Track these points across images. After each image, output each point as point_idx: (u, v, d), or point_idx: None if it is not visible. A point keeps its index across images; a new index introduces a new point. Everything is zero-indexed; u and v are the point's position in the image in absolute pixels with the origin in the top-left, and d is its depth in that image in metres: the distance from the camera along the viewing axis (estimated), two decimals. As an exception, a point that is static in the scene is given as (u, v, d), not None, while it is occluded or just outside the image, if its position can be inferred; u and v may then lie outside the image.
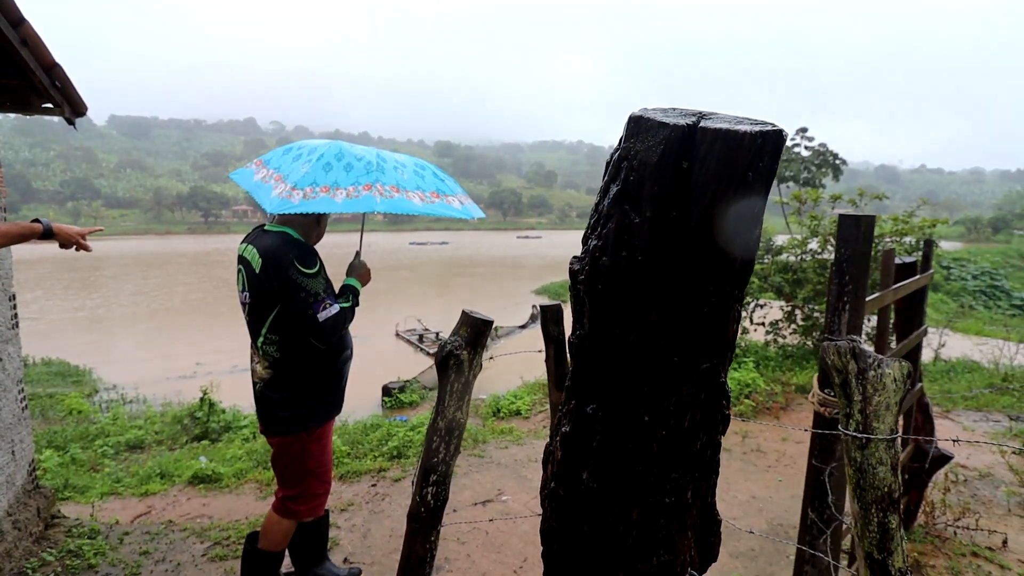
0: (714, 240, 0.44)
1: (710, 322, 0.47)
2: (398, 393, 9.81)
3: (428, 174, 2.31)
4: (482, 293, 25.93)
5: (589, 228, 0.51)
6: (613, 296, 0.47)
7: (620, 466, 0.49)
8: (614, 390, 0.49)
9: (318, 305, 2.01)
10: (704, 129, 0.42)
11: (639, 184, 0.44)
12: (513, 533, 3.33)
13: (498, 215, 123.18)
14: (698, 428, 0.49)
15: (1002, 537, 3.29)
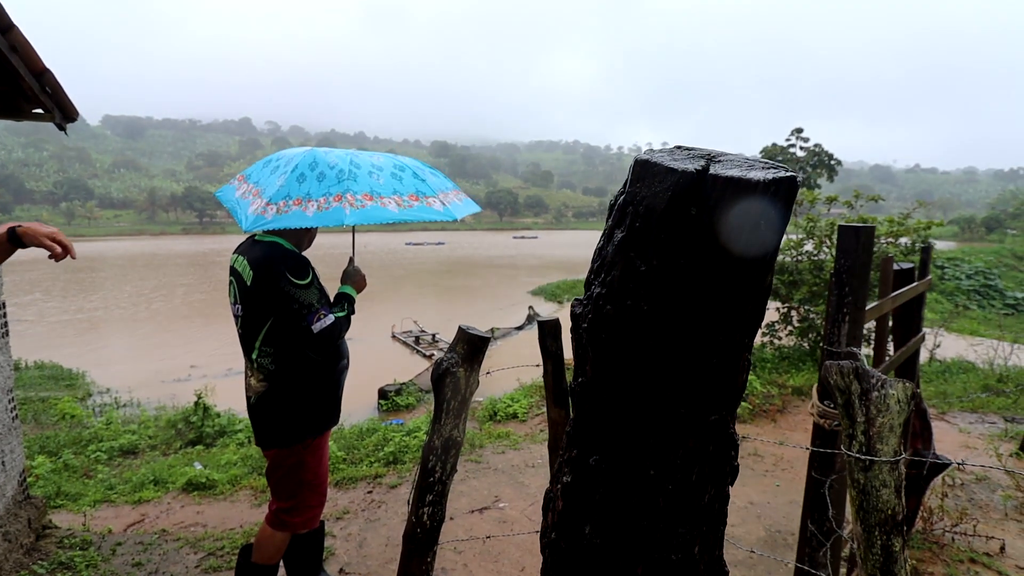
0: (724, 288, 0.42)
1: (719, 372, 0.45)
2: (394, 396, 9.78)
3: (407, 175, 2.22)
4: (478, 294, 25.89)
5: (592, 273, 0.48)
6: (617, 345, 0.45)
7: (624, 521, 0.47)
8: (618, 441, 0.47)
9: (312, 316, 1.98)
10: (715, 177, 0.40)
11: (645, 231, 0.42)
12: (511, 542, 3.30)
13: (494, 215, 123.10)
14: (706, 481, 0.47)
15: (1000, 543, 3.28)
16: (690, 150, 0.46)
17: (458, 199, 2.42)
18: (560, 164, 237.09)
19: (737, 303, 0.43)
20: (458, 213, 2.33)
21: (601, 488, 0.48)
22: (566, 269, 34.46)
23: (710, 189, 0.40)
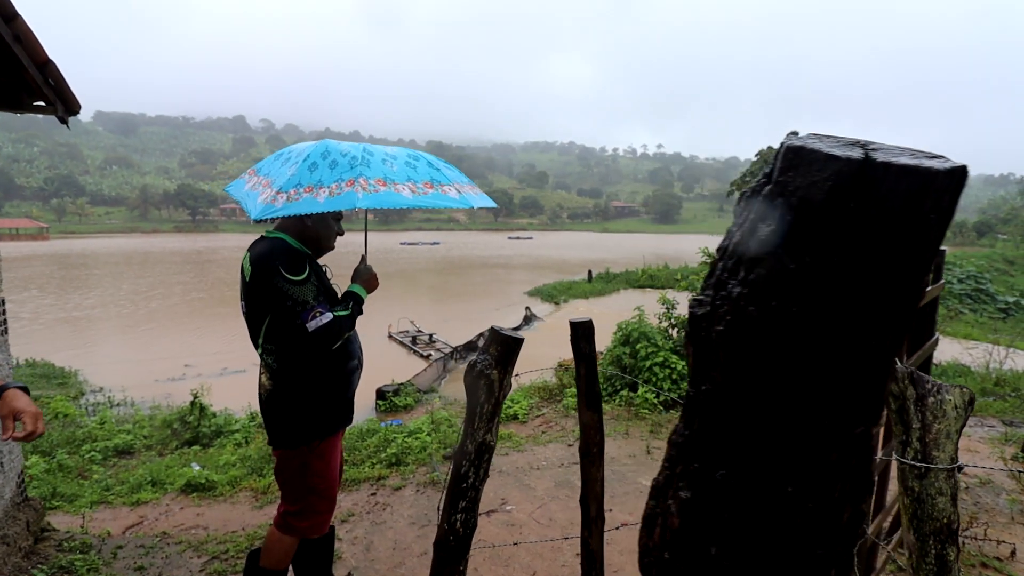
0: (881, 288, 0.39)
1: (869, 381, 0.41)
2: (392, 396, 9.71)
3: (422, 164, 2.20)
4: (474, 294, 25.81)
5: (725, 271, 0.45)
6: (759, 350, 0.41)
7: (757, 541, 0.43)
8: (752, 455, 0.43)
9: (307, 314, 1.92)
10: (887, 165, 0.36)
11: (799, 225, 0.39)
12: (520, 545, 3.26)
13: (489, 216, 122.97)
14: (846, 498, 0.44)
15: (1010, 547, 3.27)
16: (838, 138, 0.42)
17: (473, 192, 2.38)
18: (555, 165, 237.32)
19: (893, 303, 0.40)
20: (475, 203, 2.31)
21: (730, 506, 0.44)
22: (562, 270, 34.46)
23: (879, 178, 0.37)
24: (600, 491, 1.58)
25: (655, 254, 42.06)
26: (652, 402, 6.54)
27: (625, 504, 3.89)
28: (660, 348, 7.44)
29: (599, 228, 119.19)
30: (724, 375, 0.44)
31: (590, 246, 64.50)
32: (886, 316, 0.40)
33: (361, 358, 2.28)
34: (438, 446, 5.28)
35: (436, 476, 4.39)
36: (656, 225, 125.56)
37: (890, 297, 0.39)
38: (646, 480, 4.36)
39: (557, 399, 7.60)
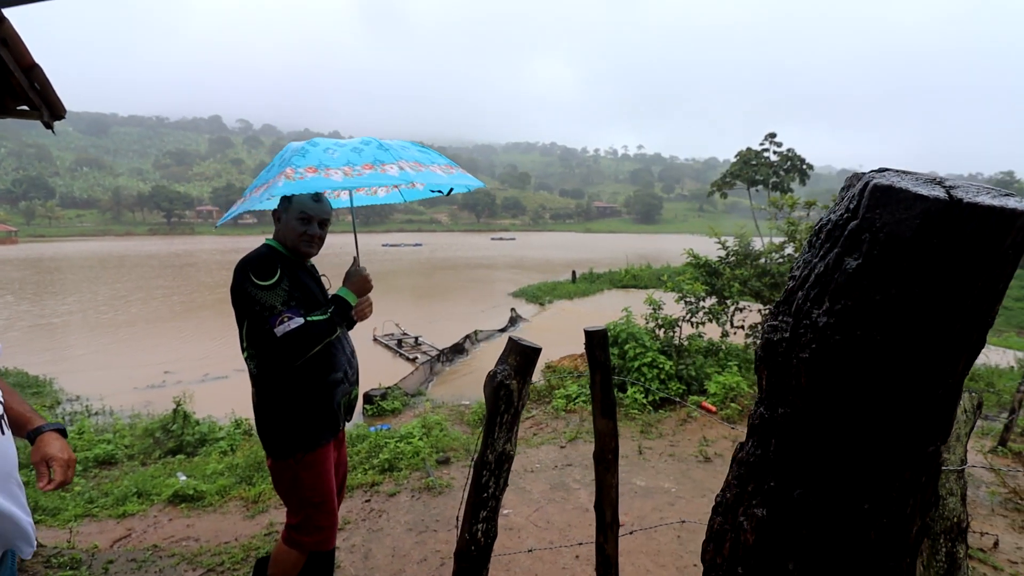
0: (958, 318, 0.41)
1: (942, 402, 0.44)
2: (380, 400, 9.64)
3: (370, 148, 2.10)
4: (458, 296, 25.75)
5: (808, 301, 0.47)
6: (841, 376, 0.44)
7: (834, 556, 0.45)
8: (830, 475, 0.45)
9: (275, 319, 1.88)
10: (973, 206, 0.39)
11: (885, 260, 0.41)
12: (519, 549, 3.27)
13: (471, 216, 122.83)
14: (916, 513, 0.46)
15: (993, 539, 3.39)
16: (911, 174, 0.44)
17: (444, 171, 2.30)
18: (537, 166, 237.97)
19: (969, 331, 0.42)
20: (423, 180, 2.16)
21: (808, 523, 0.46)
22: (545, 270, 34.56)
23: (965, 218, 0.39)
24: (615, 497, 1.60)
25: (637, 254, 42.40)
26: (641, 402, 6.61)
27: (620, 505, 3.92)
28: (648, 348, 7.52)
29: (581, 228, 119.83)
30: (805, 400, 0.46)
31: (573, 246, 64.77)
32: (961, 343, 0.42)
33: (350, 370, 2.19)
34: (431, 451, 5.26)
35: (431, 481, 4.38)
36: (638, 225, 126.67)
37: (966, 325, 0.42)
38: (641, 481, 4.41)
39: (547, 401, 7.63)
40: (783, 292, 0.49)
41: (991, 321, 0.43)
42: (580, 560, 3.13)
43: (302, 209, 2.06)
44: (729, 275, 8.88)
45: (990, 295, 0.41)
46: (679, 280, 8.67)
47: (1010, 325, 18.92)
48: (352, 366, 2.21)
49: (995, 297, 0.42)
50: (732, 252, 9.41)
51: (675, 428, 5.95)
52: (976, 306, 0.41)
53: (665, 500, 4.07)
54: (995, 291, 0.41)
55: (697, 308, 8.43)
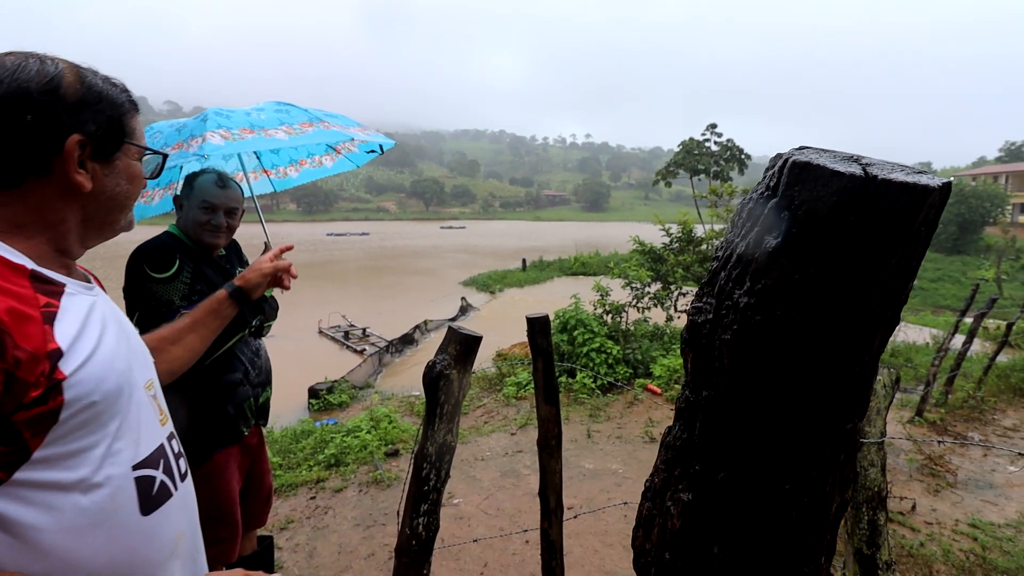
0: (873, 295, 0.41)
1: (860, 379, 0.44)
2: (326, 394, 9.37)
3: (296, 109, 2.05)
4: (407, 285, 25.38)
5: (730, 281, 0.46)
6: (763, 357, 0.43)
7: (757, 538, 0.45)
8: (753, 457, 0.45)
9: (172, 316, 1.69)
10: (887, 183, 0.39)
11: (803, 238, 0.40)
12: (469, 537, 3.27)
13: (420, 205, 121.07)
14: (835, 490, 0.47)
15: (911, 503, 3.66)
16: (830, 152, 0.44)
17: (364, 133, 2.26)
18: (486, 154, 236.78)
19: (885, 308, 0.42)
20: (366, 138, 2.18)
21: (732, 505, 0.46)
22: (496, 259, 34.54)
23: (880, 195, 0.39)
24: (559, 483, 1.61)
25: (586, 242, 43.05)
26: (590, 387, 6.73)
27: (568, 488, 3.98)
28: (596, 334, 7.66)
29: (531, 217, 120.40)
30: (728, 382, 0.45)
31: (523, 235, 65.05)
32: (877, 320, 0.43)
33: (252, 371, 1.98)
34: (379, 443, 5.17)
35: (379, 475, 4.31)
36: (586, 213, 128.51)
37: (882, 303, 0.42)
38: (589, 464, 4.49)
39: (497, 388, 7.65)
40: (708, 273, 0.48)
41: (905, 298, 0.44)
42: (530, 545, 3.16)
43: (204, 197, 1.83)
44: (673, 261, 9.14)
45: (904, 272, 0.42)
46: (625, 267, 8.86)
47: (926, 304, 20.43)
48: (256, 366, 2.00)
49: (908, 274, 0.42)
50: (676, 239, 9.68)
51: (622, 411, 6.09)
52: (890, 283, 0.41)
53: (612, 481, 4.16)
54: (909, 268, 0.42)
55: (643, 294, 8.65)
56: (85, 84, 0.79)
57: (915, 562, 2.98)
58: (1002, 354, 6.52)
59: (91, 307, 0.79)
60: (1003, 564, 2.97)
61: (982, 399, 5.90)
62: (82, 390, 0.71)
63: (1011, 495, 3.92)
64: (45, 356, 0.67)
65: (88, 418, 0.72)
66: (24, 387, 0.64)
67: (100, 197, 0.81)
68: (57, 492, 0.70)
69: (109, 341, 0.79)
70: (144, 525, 0.79)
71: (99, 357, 0.75)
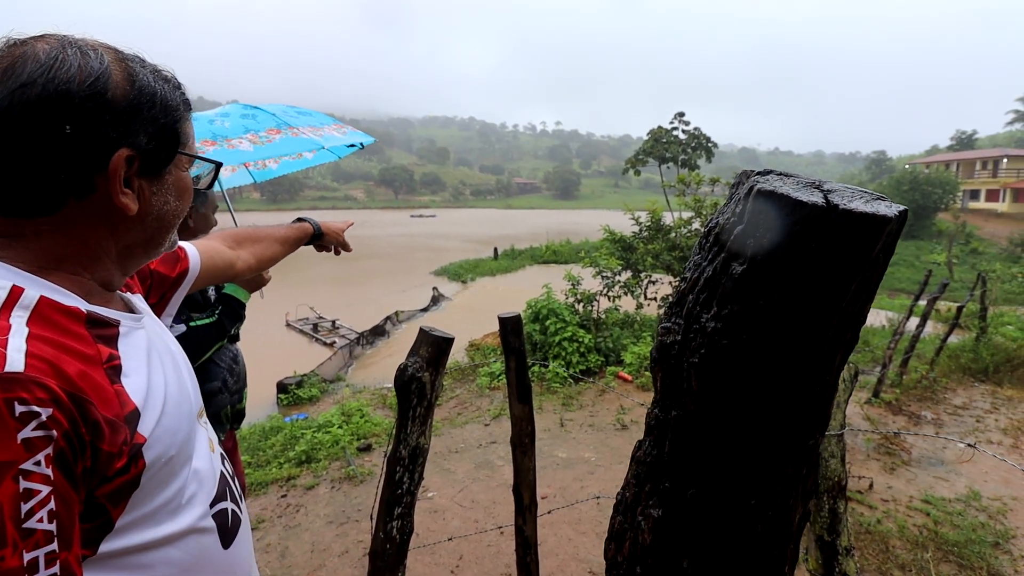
0: (837, 319, 0.42)
1: (821, 397, 0.45)
2: (295, 389, 9.23)
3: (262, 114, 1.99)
4: (378, 276, 25.07)
5: (698, 305, 0.46)
6: (730, 379, 0.44)
7: (724, 551, 0.47)
8: (720, 474, 0.46)
9: None
10: (847, 212, 0.39)
11: (767, 265, 0.41)
12: (444, 531, 3.28)
13: (389, 193, 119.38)
14: (798, 503, 0.48)
15: (868, 481, 3.83)
16: (793, 177, 0.45)
17: (339, 132, 2.23)
18: (456, 141, 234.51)
19: (845, 330, 0.44)
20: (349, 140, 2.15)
21: (700, 521, 0.47)
22: (467, 248, 34.39)
23: (840, 223, 0.40)
24: (533, 480, 1.62)
25: (557, 230, 43.20)
26: (563, 376, 6.80)
27: (543, 478, 4.03)
28: (568, 323, 7.72)
29: (502, 205, 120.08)
30: (697, 403, 0.46)
31: (494, 223, 64.87)
32: (837, 342, 0.44)
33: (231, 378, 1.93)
34: (351, 438, 5.12)
35: (352, 471, 4.27)
36: (557, 201, 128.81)
37: (843, 325, 0.43)
38: (562, 452, 4.55)
39: (470, 379, 7.66)
40: (675, 293, 0.49)
41: (863, 319, 0.45)
42: (505, 535, 3.19)
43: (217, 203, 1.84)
44: (643, 250, 9.25)
45: (863, 296, 0.43)
46: (596, 255, 8.94)
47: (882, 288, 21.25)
48: (234, 373, 1.98)
49: (868, 297, 0.44)
50: (645, 227, 9.80)
51: (594, 399, 6.18)
52: (850, 307, 0.43)
53: (585, 470, 4.23)
54: (868, 292, 0.43)
55: (613, 282, 8.75)
56: (136, 85, 0.64)
57: (872, 539, 3.13)
58: (953, 335, 6.84)
59: (148, 345, 0.70)
60: (953, 537, 3.14)
61: (935, 379, 6.19)
62: (161, 449, 0.64)
63: (961, 471, 4.13)
64: (124, 422, 0.59)
65: (166, 473, 0.66)
66: (109, 460, 0.56)
67: (147, 219, 0.68)
68: (145, 552, 0.65)
69: (172, 383, 0.71)
70: (228, 558, 0.76)
71: (170, 409, 0.67)
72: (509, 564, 2.95)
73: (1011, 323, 10.32)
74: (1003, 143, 68.91)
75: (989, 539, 3.15)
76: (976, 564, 2.92)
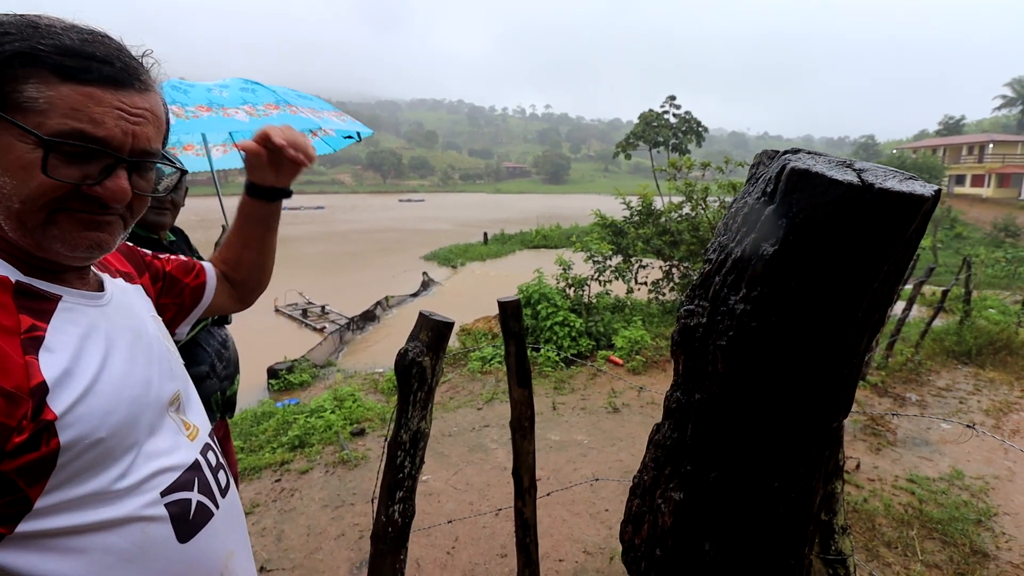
0: (867, 301, 0.42)
1: (847, 379, 0.45)
2: (286, 374, 9.20)
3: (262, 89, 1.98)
4: (367, 261, 24.91)
5: (725, 286, 0.46)
6: (759, 362, 0.43)
7: (747, 534, 0.47)
8: (743, 457, 0.46)
9: None
10: (884, 191, 0.39)
11: (801, 246, 0.40)
12: (439, 513, 3.30)
13: (377, 177, 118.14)
14: (819, 485, 0.48)
15: (855, 461, 3.90)
16: (824, 156, 0.44)
17: (339, 119, 2.20)
18: (444, 124, 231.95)
19: (871, 312, 0.43)
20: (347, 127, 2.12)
21: (723, 504, 0.47)
22: (457, 233, 34.22)
23: (877, 203, 0.39)
24: (532, 463, 1.63)
25: (547, 214, 43.09)
26: (554, 360, 6.82)
27: (536, 460, 4.06)
28: (559, 308, 7.74)
29: (492, 189, 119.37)
30: (722, 386, 0.46)
31: (484, 207, 64.55)
32: (867, 323, 0.44)
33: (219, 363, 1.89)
34: (344, 423, 5.12)
35: (346, 455, 4.28)
36: (547, 186, 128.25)
37: (872, 306, 0.43)
38: (555, 436, 4.58)
39: (462, 363, 7.67)
40: (699, 275, 0.48)
41: (893, 301, 0.45)
42: (499, 517, 3.22)
43: None
44: (633, 234, 9.27)
45: (894, 276, 0.43)
46: (587, 240, 8.94)
47: (868, 272, 21.52)
48: (223, 358, 1.92)
49: (898, 278, 0.43)
50: (636, 212, 9.80)
51: (586, 383, 6.22)
52: (881, 288, 0.42)
53: (578, 452, 4.26)
54: (899, 272, 0.43)
55: (604, 267, 8.77)
56: None
57: (859, 517, 3.20)
58: (937, 319, 6.95)
59: (92, 324, 0.67)
60: (937, 515, 3.22)
61: (919, 362, 6.30)
62: (83, 429, 0.61)
63: (944, 451, 4.23)
64: (28, 394, 0.56)
65: (97, 456, 0.63)
66: (5, 432, 0.54)
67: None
68: (78, 536, 0.62)
69: (116, 364, 0.67)
70: (185, 553, 0.72)
71: (102, 388, 0.64)
72: (504, 545, 2.98)
73: (994, 307, 10.51)
74: (990, 128, 69.54)
75: (972, 516, 3.24)
76: (959, 541, 3.00)
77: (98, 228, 0.66)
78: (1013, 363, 6.40)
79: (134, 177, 0.68)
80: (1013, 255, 20.40)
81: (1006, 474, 3.86)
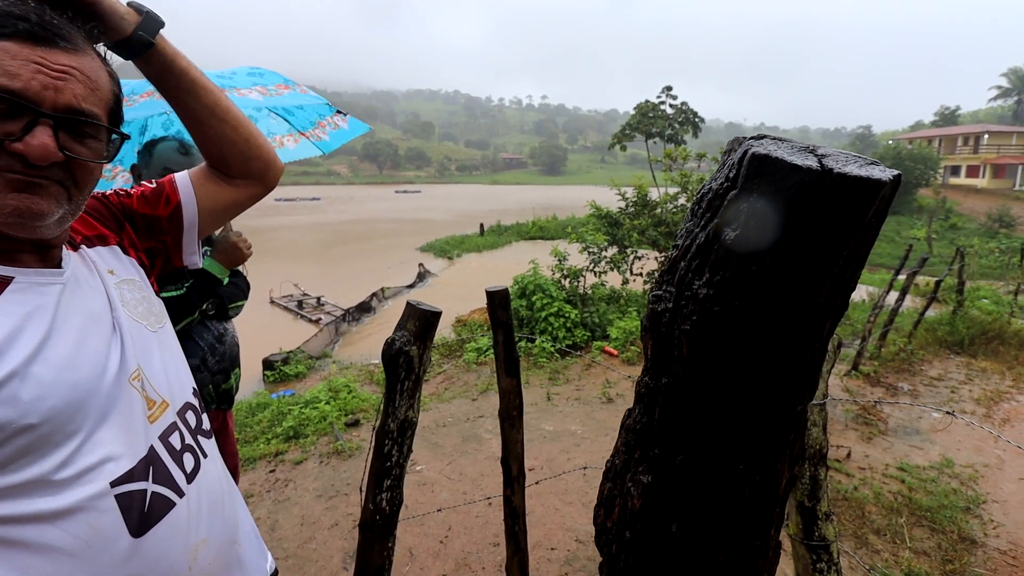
0: (826, 284, 0.42)
1: (810, 362, 0.46)
2: (281, 365, 9.20)
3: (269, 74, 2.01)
4: (362, 252, 24.85)
5: (690, 272, 0.46)
6: (721, 346, 0.44)
7: (712, 515, 0.47)
8: (709, 440, 0.46)
9: None
10: (843, 176, 0.39)
11: (761, 232, 0.41)
12: (433, 503, 3.32)
13: (374, 168, 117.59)
14: (785, 468, 0.49)
15: (847, 450, 3.94)
16: (787, 142, 0.44)
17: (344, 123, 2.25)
18: (440, 115, 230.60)
19: (833, 296, 0.44)
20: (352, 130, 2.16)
21: (689, 486, 0.47)
22: (453, 224, 34.14)
23: (834, 188, 0.39)
24: (520, 452, 1.64)
25: (544, 206, 43.00)
26: (549, 351, 6.85)
27: (530, 450, 4.08)
28: (555, 299, 7.75)
29: (488, 180, 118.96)
30: (687, 369, 0.46)
31: (480, 199, 64.33)
32: (828, 308, 0.44)
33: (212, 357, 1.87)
34: (339, 414, 5.14)
35: (340, 445, 4.30)
36: (543, 177, 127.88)
37: (834, 291, 0.43)
38: (549, 426, 4.61)
39: (457, 355, 7.69)
40: (667, 261, 0.48)
41: (854, 286, 0.45)
42: (492, 506, 3.24)
43: (165, 165, 1.69)
44: (629, 225, 9.26)
45: (855, 262, 0.43)
46: (583, 231, 8.94)
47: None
48: (217, 352, 1.88)
49: (859, 263, 0.44)
50: (631, 203, 9.79)
51: (581, 373, 6.24)
52: (842, 273, 0.43)
53: (572, 442, 4.29)
54: (859, 258, 0.43)
55: (599, 258, 8.77)
56: None
57: (849, 505, 3.23)
58: (930, 309, 6.99)
59: (39, 305, 0.64)
60: (926, 503, 3.26)
61: (912, 352, 6.34)
62: (8, 414, 0.58)
63: (934, 440, 4.27)
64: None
65: (29, 443, 0.59)
66: None
67: None
68: (12, 526, 0.58)
69: (59, 347, 0.64)
70: (139, 548, 0.67)
71: (36, 370, 0.60)
72: (497, 534, 3.01)
73: (987, 297, 10.56)
74: (985, 119, 69.51)
75: (961, 504, 3.27)
76: (948, 528, 3.03)
77: (27, 190, 0.62)
78: (1005, 353, 6.45)
79: (65, 138, 0.64)
80: (1007, 246, 20.48)
81: (996, 462, 3.90)
